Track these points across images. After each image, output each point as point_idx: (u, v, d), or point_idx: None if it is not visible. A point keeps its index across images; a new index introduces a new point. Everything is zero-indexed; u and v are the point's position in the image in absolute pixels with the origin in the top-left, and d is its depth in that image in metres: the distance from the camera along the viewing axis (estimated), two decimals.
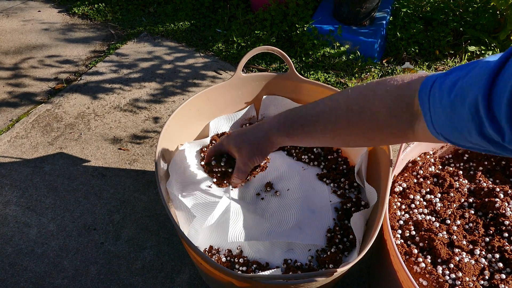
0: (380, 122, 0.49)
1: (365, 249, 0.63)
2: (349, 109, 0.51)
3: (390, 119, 0.48)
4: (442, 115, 0.40)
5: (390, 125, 0.48)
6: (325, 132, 0.55)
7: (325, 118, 0.54)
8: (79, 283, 0.93)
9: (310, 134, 0.57)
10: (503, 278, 0.67)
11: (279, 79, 0.96)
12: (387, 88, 0.48)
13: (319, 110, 0.55)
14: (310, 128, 0.56)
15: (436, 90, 0.41)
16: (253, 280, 0.58)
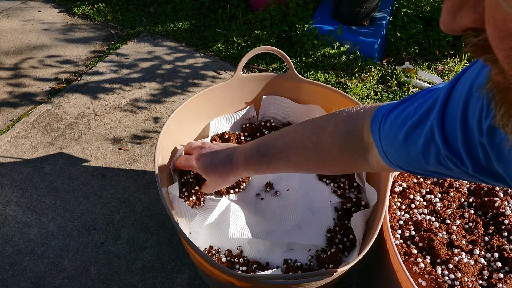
0: (334, 156, 0.52)
1: (365, 249, 0.63)
2: (305, 146, 0.55)
3: (343, 153, 0.51)
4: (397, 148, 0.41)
5: (344, 158, 0.52)
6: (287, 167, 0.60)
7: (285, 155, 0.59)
8: (79, 283, 0.93)
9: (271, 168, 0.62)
10: (501, 278, 0.67)
11: (279, 79, 0.96)
12: (336, 125, 0.52)
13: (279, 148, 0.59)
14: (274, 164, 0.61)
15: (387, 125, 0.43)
16: (253, 280, 0.58)
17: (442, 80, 1.47)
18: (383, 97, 1.39)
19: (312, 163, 0.56)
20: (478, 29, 0.21)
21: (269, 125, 1.02)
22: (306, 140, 0.55)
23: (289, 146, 0.58)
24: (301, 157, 0.56)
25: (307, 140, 0.55)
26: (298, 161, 0.57)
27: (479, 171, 0.34)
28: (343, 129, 0.50)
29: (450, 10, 0.22)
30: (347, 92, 1.40)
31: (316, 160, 0.55)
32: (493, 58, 0.20)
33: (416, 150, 0.38)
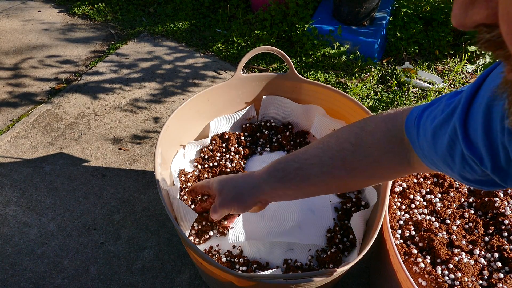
0: (375, 157, 0.48)
1: (365, 249, 0.63)
2: (342, 148, 0.50)
3: (385, 154, 0.47)
4: (427, 145, 0.40)
5: (385, 160, 0.48)
6: (320, 175, 0.52)
7: (319, 159, 0.52)
8: (79, 283, 0.93)
9: (305, 179, 0.53)
10: (501, 277, 0.67)
11: (279, 79, 0.96)
12: (376, 124, 0.48)
13: (311, 153, 0.53)
14: (305, 172, 0.53)
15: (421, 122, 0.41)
16: (253, 280, 0.58)
17: (442, 80, 1.48)
18: (383, 97, 1.39)
19: (350, 168, 0.50)
20: (491, 25, 0.20)
21: (269, 125, 1.02)
22: (343, 142, 0.50)
23: (323, 150, 0.52)
24: (338, 160, 0.50)
25: (344, 141, 0.50)
26: (334, 165, 0.50)
27: (497, 173, 0.33)
28: (384, 128, 0.47)
29: (461, 5, 0.21)
30: (347, 92, 1.40)
31: (355, 164, 0.49)
32: (506, 55, 0.19)
33: (442, 148, 0.38)
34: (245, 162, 0.96)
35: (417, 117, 0.43)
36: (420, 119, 0.42)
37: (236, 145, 0.97)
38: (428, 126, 0.40)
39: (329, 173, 0.51)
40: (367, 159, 0.48)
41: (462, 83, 1.47)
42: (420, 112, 0.42)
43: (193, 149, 0.96)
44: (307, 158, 0.53)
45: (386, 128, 0.47)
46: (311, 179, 0.53)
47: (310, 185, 0.54)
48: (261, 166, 0.92)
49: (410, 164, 0.46)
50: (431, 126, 0.39)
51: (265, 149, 0.99)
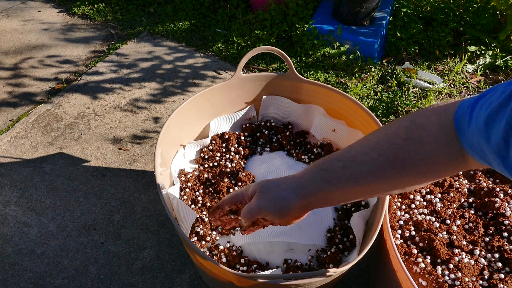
0: (429, 152, 0.44)
1: (365, 249, 0.63)
2: (392, 143, 0.46)
3: (439, 148, 0.43)
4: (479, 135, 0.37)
5: (440, 155, 0.44)
6: (369, 173, 0.47)
7: (367, 156, 0.47)
8: (79, 283, 0.93)
9: (352, 179, 0.48)
10: (502, 278, 0.67)
11: (279, 79, 0.96)
12: (428, 116, 0.44)
13: (357, 150, 0.48)
14: (352, 171, 0.48)
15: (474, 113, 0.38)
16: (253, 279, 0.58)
17: (442, 80, 1.48)
18: (383, 97, 1.39)
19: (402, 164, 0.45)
20: None
21: (269, 125, 1.02)
22: (392, 137, 0.46)
23: (370, 147, 0.47)
24: (389, 156, 0.46)
25: (394, 136, 0.46)
26: (384, 162, 0.46)
27: None
28: (436, 120, 0.43)
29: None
30: (347, 92, 1.40)
31: (407, 160, 0.45)
32: None
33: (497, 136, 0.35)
34: (245, 162, 0.96)
35: (469, 106, 0.39)
36: (473, 108, 0.39)
37: (236, 145, 0.97)
38: (482, 113, 0.37)
39: (379, 171, 0.47)
40: (420, 154, 0.44)
41: (462, 83, 1.47)
42: (473, 102, 0.39)
43: (193, 149, 0.96)
44: (353, 156, 0.48)
45: (439, 120, 0.43)
46: (359, 178, 0.48)
47: (359, 186, 0.49)
48: (261, 166, 0.93)
49: (464, 158, 0.43)
50: (485, 113, 0.36)
51: (265, 149, 0.99)
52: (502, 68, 1.52)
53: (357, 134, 0.91)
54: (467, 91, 1.46)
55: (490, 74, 1.53)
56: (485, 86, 1.47)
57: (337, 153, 0.50)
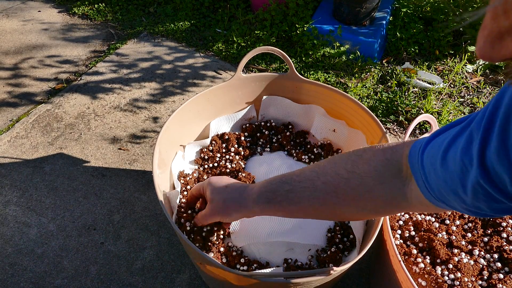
0: (369, 188, 0.46)
1: (365, 248, 0.63)
2: (337, 174, 0.49)
3: (380, 184, 0.46)
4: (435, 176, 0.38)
5: (380, 191, 0.46)
6: (311, 200, 0.51)
7: (312, 184, 0.51)
8: (79, 283, 0.94)
9: (295, 202, 0.52)
10: (501, 278, 0.67)
11: (279, 79, 0.96)
12: (374, 153, 0.47)
13: (305, 176, 0.52)
14: (296, 195, 0.52)
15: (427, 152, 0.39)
16: (253, 278, 0.58)
17: (442, 80, 1.48)
18: (383, 97, 1.39)
19: (343, 196, 0.49)
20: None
21: (269, 125, 1.02)
22: (339, 168, 0.49)
23: (318, 174, 0.51)
24: (331, 186, 0.49)
25: (340, 168, 0.49)
26: (326, 191, 0.49)
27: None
28: (381, 156, 0.46)
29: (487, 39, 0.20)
30: (347, 92, 1.40)
31: (348, 193, 0.48)
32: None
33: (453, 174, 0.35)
34: (245, 163, 0.96)
35: (421, 147, 0.41)
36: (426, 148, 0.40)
37: (236, 146, 0.97)
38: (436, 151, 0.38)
39: (321, 198, 0.50)
40: (360, 188, 0.47)
41: (462, 83, 1.47)
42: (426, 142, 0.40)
43: (193, 149, 0.96)
44: (300, 181, 0.52)
45: (385, 157, 0.46)
46: (302, 202, 0.52)
47: (300, 209, 0.53)
48: (261, 167, 0.94)
49: (406, 198, 0.44)
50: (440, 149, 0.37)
51: (265, 149, 0.99)
52: (502, 68, 1.52)
53: (357, 134, 0.91)
54: (467, 91, 1.46)
55: (490, 74, 1.53)
56: (485, 86, 1.47)
57: (289, 175, 0.55)
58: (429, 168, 0.39)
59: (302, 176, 0.53)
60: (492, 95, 1.44)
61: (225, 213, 0.62)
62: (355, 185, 0.47)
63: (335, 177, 0.49)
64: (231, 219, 0.64)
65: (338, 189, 0.49)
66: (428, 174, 0.39)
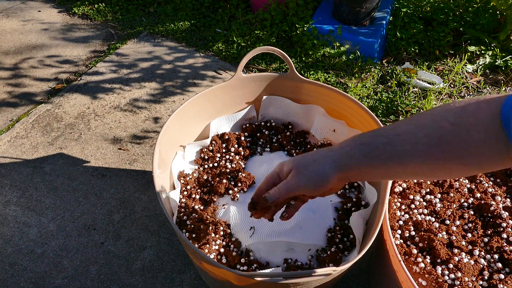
0: (475, 141, 0.42)
1: (365, 248, 0.63)
2: (439, 126, 0.44)
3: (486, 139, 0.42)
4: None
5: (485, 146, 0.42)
6: (412, 154, 0.46)
7: (412, 136, 0.46)
8: (79, 283, 0.93)
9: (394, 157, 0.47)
10: (501, 278, 0.67)
11: (279, 79, 0.96)
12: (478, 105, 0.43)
13: (403, 129, 0.47)
14: (396, 149, 0.47)
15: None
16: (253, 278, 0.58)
17: (442, 80, 1.48)
18: (383, 97, 1.39)
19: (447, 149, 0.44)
20: None
21: (269, 125, 1.02)
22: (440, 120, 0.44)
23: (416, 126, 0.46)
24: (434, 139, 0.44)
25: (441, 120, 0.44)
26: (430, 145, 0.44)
27: None
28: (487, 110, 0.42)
29: None
30: (347, 92, 1.40)
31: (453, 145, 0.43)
32: None
33: None
34: (245, 163, 0.96)
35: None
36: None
37: (236, 146, 0.97)
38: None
39: (423, 152, 0.45)
40: (466, 141, 0.43)
41: (462, 83, 1.47)
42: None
43: (193, 149, 0.96)
44: (397, 134, 0.47)
45: (490, 110, 0.42)
46: (402, 157, 0.46)
47: (400, 165, 0.47)
48: (261, 166, 0.93)
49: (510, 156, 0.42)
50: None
51: (265, 149, 0.99)
52: (502, 68, 1.52)
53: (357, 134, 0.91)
54: (467, 91, 1.46)
55: (490, 74, 1.53)
56: (485, 86, 1.47)
57: (379, 129, 0.49)
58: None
59: (398, 129, 0.47)
60: (492, 95, 1.44)
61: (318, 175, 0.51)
62: (460, 137, 0.43)
63: (438, 129, 0.44)
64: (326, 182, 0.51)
65: (442, 141, 0.44)
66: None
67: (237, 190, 0.88)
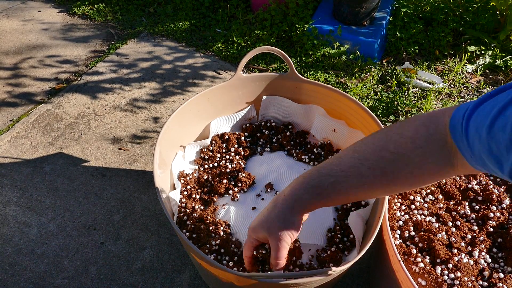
0: (417, 164, 0.46)
1: (364, 248, 0.63)
2: (381, 157, 0.48)
3: (427, 159, 0.45)
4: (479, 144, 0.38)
5: (428, 166, 0.46)
6: (359, 186, 0.50)
7: (356, 170, 0.49)
8: (79, 283, 0.94)
9: (342, 192, 0.51)
10: (501, 277, 0.67)
11: (279, 79, 0.96)
12: (416, 129, 0.46)
13: (346, 163, 0.50)
14: (342, 185, 0.50)
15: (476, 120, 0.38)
16: (253, 279, 0.58)
17: (442, 80, 1.48)
18: (383, 97, 1.39)
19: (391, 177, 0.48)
20: None
21: (269, 125, 1.02)
22: (381, 150, 0.48)
23: (359, 160, 0.49)
24: (377, 170, 0.48)
25: (382, 149, 0.48)
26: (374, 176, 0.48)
27: None
28: (424, 132, 0.45)
29: None
30: (347, 92, 1.40)
31: (396, 173, 0.47)
32: None
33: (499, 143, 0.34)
34: (245, 163, 0.96)
35: (466, 113, 0.40)
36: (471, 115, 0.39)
37: (236, 146, 0.97)
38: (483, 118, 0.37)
39: (369, 183, 0.49)
40: (408, 167, 0.46)
41: (462, 83, 1.47)
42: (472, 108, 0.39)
43: (193, 149, 0.96)
44: (342, 170, 0.50)
45: (428, 132, 0.44)
46: (350, 191, 0.51)
47: (349, 196, 0.52)
48: (261, 167, 0.93)
49: (453, 166, 0.44)
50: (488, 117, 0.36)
51: (265, 149, 0.99)
52: (502, 68, 1.52)
53: (357, 134, 0.91)
54: (467, 91, 1.46)
55: (489, 74, 1.53)
56: (485, 86, 1.47)
57: (326, 167, 0.53)
58: (473, 135, 0.38)
59: (342, 164, 0.51)
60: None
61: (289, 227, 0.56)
62: (403, 164, 0.46)
63: (380, 161, 0.48)
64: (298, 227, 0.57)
65: (386, 171, 0.48)
66: (472, 141, 0.39)
67: (237, 190, 0.88)
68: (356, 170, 0.49)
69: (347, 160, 0.50)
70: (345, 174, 0.50)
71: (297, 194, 0.55)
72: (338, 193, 0.51)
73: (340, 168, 0.51)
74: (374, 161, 0.48)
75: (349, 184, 0.50)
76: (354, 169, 0.49)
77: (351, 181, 0.50)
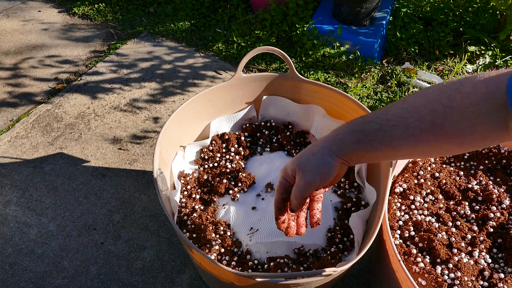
0: (470, 122, 0.43)
1: (364, 249, 0.63)
2: (432, 109, 0.45)
3: (482, 118, 0.42)
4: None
5: (481, 126, 0.43)
6: (404, 138, 0.47)
7: (403, 121, 0.46)
8: (79, 283, 0.94)
9: (386, 142, 0.48)
10: (502, 278, 0.67)
11: (279, 79, 0.96)
12: (474, 85, 0.43)
13: (394, 113, 0.48)
14: (387, 134, 0.48)
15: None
16: (253, 278, 0.58)
17: (442, 80, 1.48)
18: (383, 97, 1.39)
19: (439, 132, 0.44)
20: None
21: (269, 125, 1.02)
22: (433, 103, 0.44)
23: (408, 110, 0.46)
24: (426, 123, 0.45)
25: (434, 102, 0.44)
26: (421, 129, 0.45)
27: None
28: (483, 89, 0.42)
29: None
30: (347, 92, 1.40)
31: (445, 128, 0.44)
32: None
33: None
34: (245, 163, 0.96)
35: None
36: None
37: (236, 146, 0.97)
38: None
39: (415, 136, 0.46)
40: (460, 123, 0.43)
41: None
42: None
43: (193, 149, 0.96)
44: (389, 119, 0.47)
45: (487, 90, 0.42)
46: (394, 142, 0.47)
47: (392, 148, 0.49)
48: (261, 166, 0.93)
49: (508, 130, 0.41)
50: None
51: (265, 149, 0.99)
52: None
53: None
54: None
55: None
56: None
57: (372, 114, 0.50)
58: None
59: (389, 113, 0.48)
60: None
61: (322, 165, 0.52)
62: (454, 120, 0.43)
63: (430, 113, 0.45)
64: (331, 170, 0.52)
65: (435, 125, 0.45)
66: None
67: (237, 190, 0.88)
68: (403, 121, 0.46)
69: (395, 110, 0.48)
70: (391, 123, 0.47)
71: (338, 135, 0.52)
72: (380, 142, 0.48)
73: (386, 117, 0.48)
74: (424, 113, 0.45)
75: (393, 134, 0.47)
76: (401, 119, 0.46)
77: (396, 131, 0.47)
